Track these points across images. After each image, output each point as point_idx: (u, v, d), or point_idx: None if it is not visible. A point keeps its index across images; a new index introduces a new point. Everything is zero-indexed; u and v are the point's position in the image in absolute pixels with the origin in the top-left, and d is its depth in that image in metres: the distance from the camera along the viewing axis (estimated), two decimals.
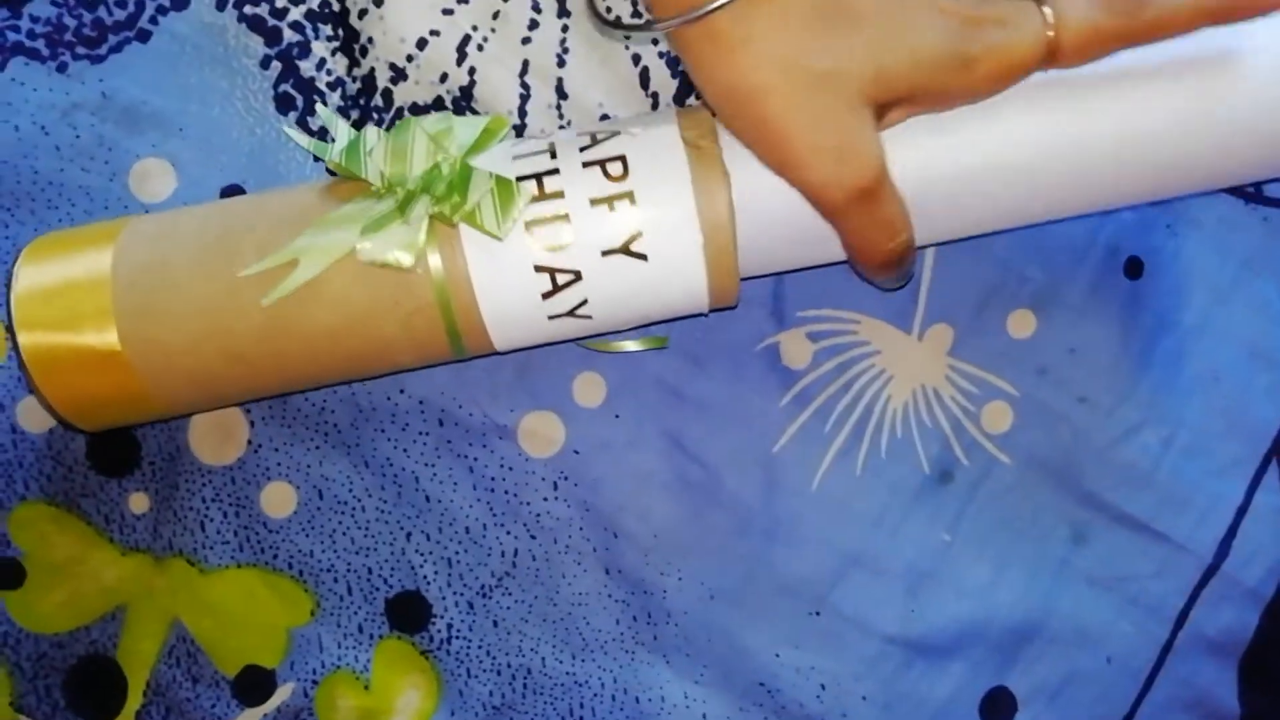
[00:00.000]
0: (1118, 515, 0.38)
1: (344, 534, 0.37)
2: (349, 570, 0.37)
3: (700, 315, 0.35)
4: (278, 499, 0.37)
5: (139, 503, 0.37)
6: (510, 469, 0.37)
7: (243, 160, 0.36)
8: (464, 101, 0.36)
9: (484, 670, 0.38)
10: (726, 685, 0.38)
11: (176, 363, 0.31)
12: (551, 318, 0.31)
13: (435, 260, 0.30)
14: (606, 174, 0.30)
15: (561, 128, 0.36)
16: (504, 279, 0.30)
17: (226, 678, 0.37)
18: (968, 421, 0.38)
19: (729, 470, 0.37)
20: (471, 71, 0.36)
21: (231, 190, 0.36)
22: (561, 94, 0.36)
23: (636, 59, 0.36)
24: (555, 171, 0.30)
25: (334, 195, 0.31)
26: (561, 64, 0.36)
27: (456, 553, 0.37)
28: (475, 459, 0.37)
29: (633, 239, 0.30)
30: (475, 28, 0.36)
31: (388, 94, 0.36)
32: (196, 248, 0.30)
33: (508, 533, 0.37)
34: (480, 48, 0.36)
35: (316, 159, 0.36)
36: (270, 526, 0.37)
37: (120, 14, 0.36)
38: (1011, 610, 0.38)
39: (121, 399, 0.31)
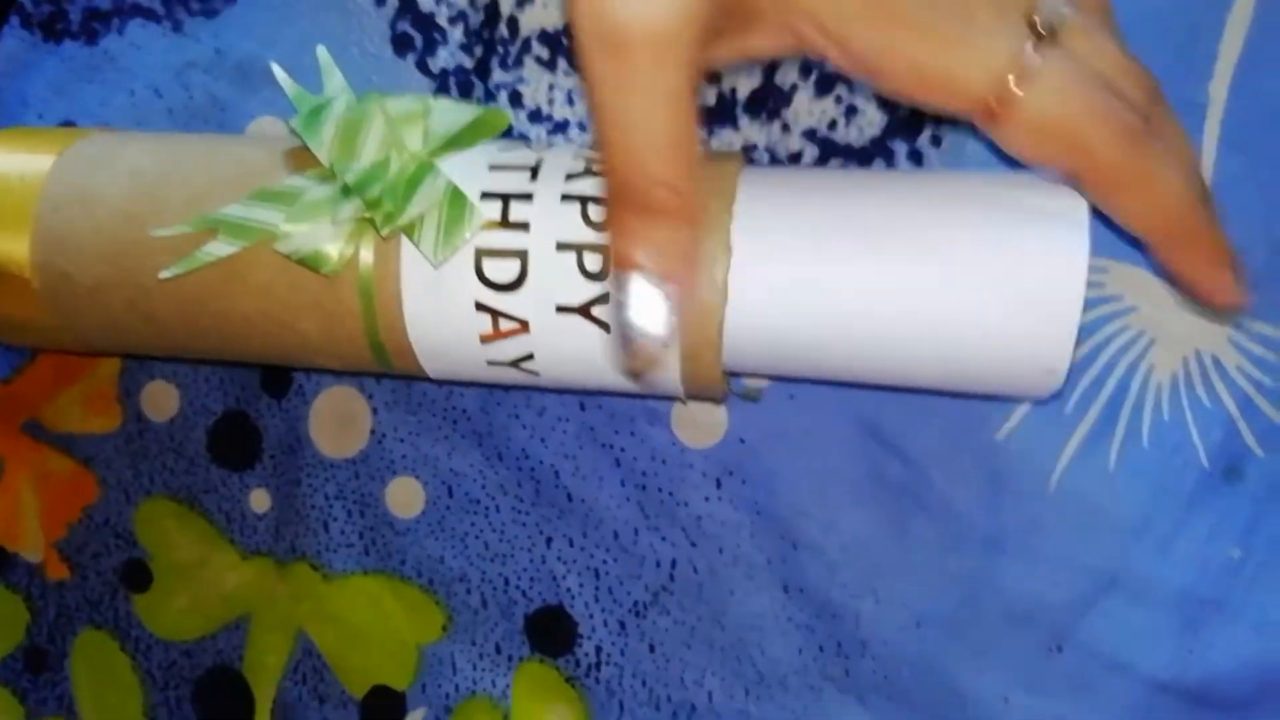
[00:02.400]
0: None
1: (476, 537, 0.32)
2: (483, 580, 0.32)
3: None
4: (404, 496, 0.32)
5: (260, 500, 0.33)
6: (664, 462, 0.31)
7: None
8: None
9: (640, 704, 0.32)
10: None
11: (83, 304, 0.28)
12: (490, 363, 0.26)
13: (367, 259, 0.25)
14: (585, 216, 0.25)
15: None
16: (439, 308, 0.26)
17: (354, 699, 0.33)
18: (1262, 399, 0.29)
19: (938, 465, 0.30)
20: None
21: None
22: None
23: None
24: (528, 197, 0.25)
25: (288, 163, 0.27)
26: None
27: (604, 562, 0.31)
28: (623, 449, 0.31)
29: (595, 301, 0.25)
30: None
31: (513, 23, 0.31)
32: (128, 188, 0.27)
33: (663, 539, 0.31)
34: None
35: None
36: (397, 528, 0.32)
37: None
38: None
39: (27, 324, 0.30)
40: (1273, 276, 0.28)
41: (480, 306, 0.25)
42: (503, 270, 0.25)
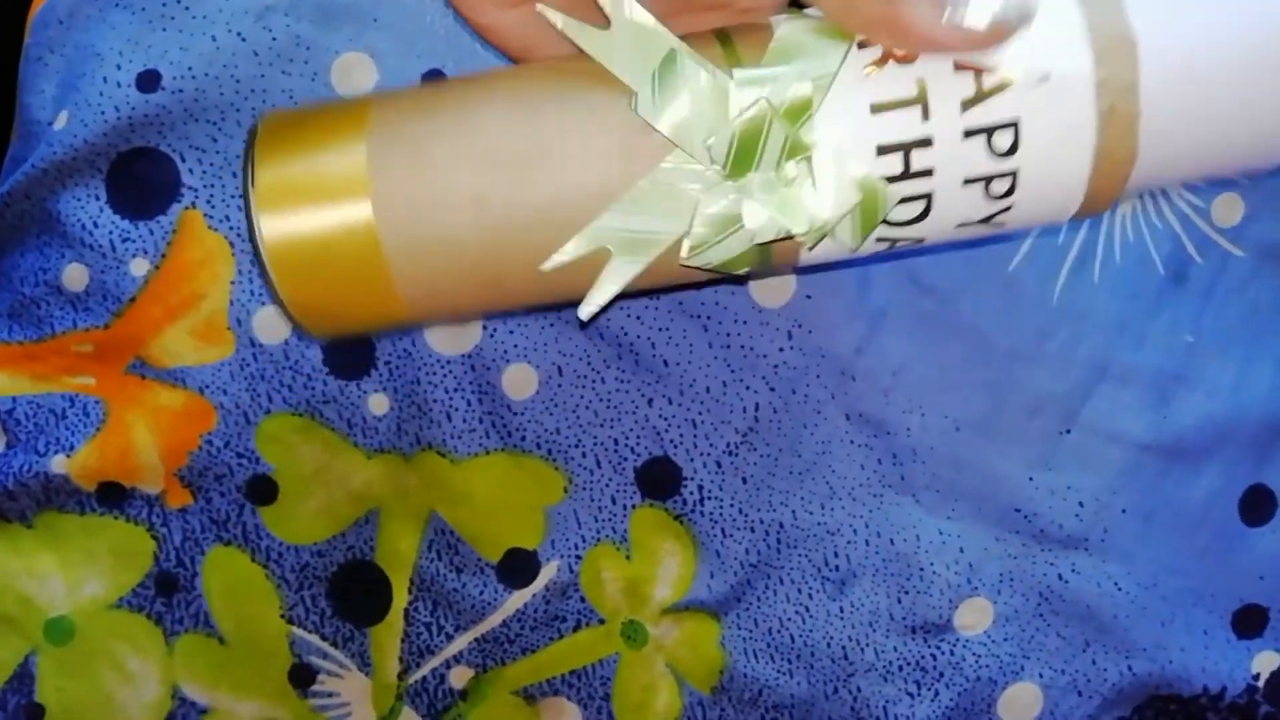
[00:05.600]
0: None
1: (587, 407, 0.37)
2: (596, 443, 0.37)
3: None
4: (519, 380, 0.36)
5: (379, 404, 0.37)
6: (745, 322, 0.36)
7: (440, 44, 0.35)
8: None
9: (738, 529, 0.37)
10: (980, 517, 0.38)
11: (434, 302, 0.26)
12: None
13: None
14: (990, 148, 0.24)
15: None
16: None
17: (490, 563, 0.37)
18: (1197, 217, 0.37)
19: (965, 297, 0.37)
20: None
21: (432, 75, 0.35)
22: None
23: None
24: (926, 143, 0.24)
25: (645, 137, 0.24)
26: None
27: (699, 413, 0.37)
28: (709, 317, 0.36)
29: (999, 214, 0.26)
30: None
31: None
32: (480, 220, 0.25)
33: (747, 388, 0.37)
34: None
35: None
36: (514, 409, 0.37)
37: None
38: (1264, 406, 0.37)
39: (364, 309, 0.26)
40: None
41: (881, 239, 0.26)
42: (907, 210, 0.25)
